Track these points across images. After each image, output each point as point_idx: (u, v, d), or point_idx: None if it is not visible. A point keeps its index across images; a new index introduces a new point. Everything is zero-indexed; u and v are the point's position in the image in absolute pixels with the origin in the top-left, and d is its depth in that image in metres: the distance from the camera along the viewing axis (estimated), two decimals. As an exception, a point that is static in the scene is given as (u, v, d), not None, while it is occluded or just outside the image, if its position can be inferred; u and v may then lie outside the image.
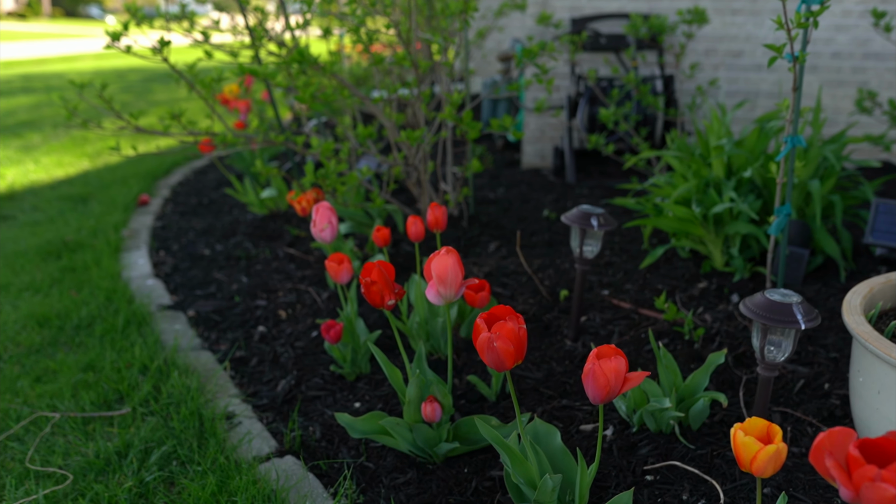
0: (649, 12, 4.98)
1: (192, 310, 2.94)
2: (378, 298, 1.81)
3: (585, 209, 2.44)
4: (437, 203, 2.33)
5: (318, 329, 2.72)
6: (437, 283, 1.76)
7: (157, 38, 2.89)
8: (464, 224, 3.59)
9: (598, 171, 4.81)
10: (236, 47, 3.78)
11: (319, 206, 2.29)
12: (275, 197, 3.96)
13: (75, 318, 2.82)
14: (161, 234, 3.85)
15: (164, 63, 2.96)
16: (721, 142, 2.96)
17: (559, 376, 2.31)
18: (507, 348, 1.36)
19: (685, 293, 2.80)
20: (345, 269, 2.23)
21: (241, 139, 3.02)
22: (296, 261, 3.37)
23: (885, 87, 4.96)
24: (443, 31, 3.17)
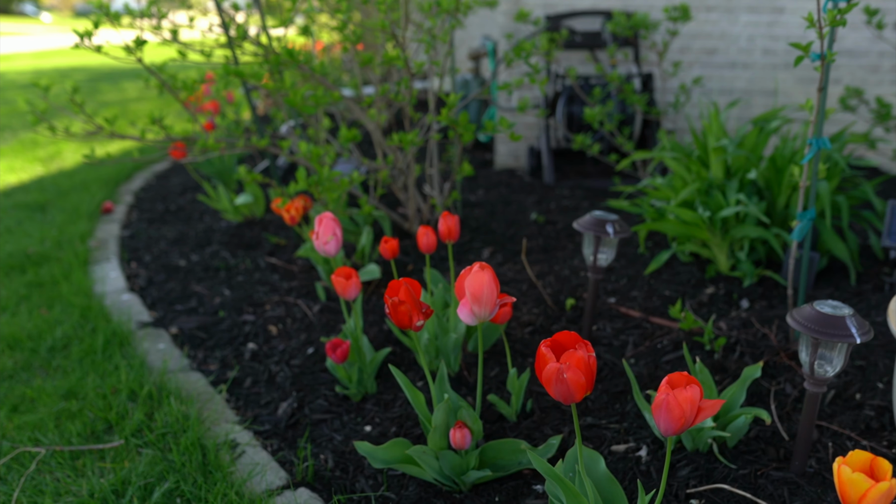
0: (623, 9, 4.91)
1: (175, 327, 2.76)
2: (406, 319, 1.67)
3: (599, 215, 2.33)
4: (448, 212, 2.19)
5: (313, 345, 2.56)
6: (472, 301, 1.63)
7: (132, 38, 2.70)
8: (453, 229, 3.46)
9: (574, 171, 4.72)
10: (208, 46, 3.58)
11: (322, 217, 2.14)
12: (250, 203, 3.78)
13: (49, 340, 2.62)
14: (130, 245, 3.64)
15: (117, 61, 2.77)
16: (722, 143, 2.89)
17: (579, 392, 2.20)
18: (579, 380, 1.24)
19: (694, 300, 2.71)
20: (353, 285, 2.09)
21: (223, 144, 2.84)
22: (279, 271, 3.20)
23: (858, 83, 4.97)
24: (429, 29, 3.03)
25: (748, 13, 4.91)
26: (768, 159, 2.84)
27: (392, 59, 2.84)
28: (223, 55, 3.44)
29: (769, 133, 2.96)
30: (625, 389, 2.20)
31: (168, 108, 8.14)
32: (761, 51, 4.96)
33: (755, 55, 4.97)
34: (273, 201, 2.93)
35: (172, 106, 8.26)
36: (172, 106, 8.26)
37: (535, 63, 3.10)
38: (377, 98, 3.13)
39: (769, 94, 5.02)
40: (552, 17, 4.75)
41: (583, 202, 4.10)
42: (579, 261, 3.11)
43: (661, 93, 4.63)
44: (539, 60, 4.81)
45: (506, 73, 4.94)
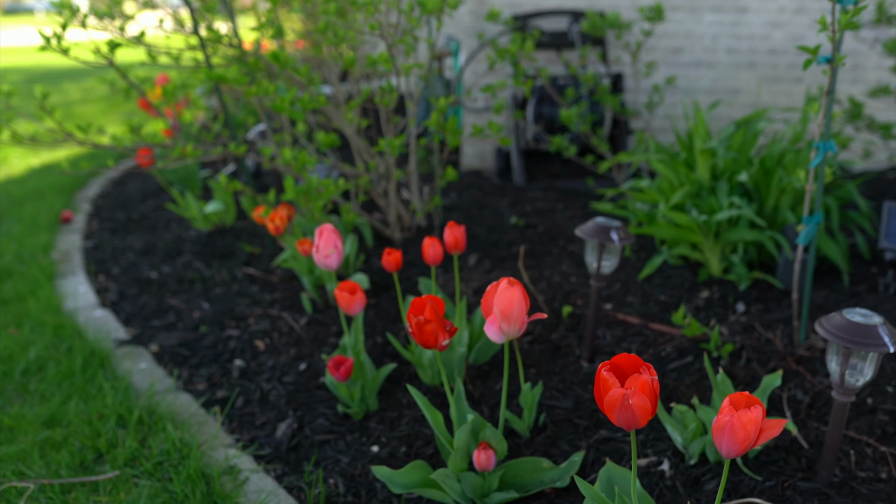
0: (589, 9, 4.89)
1: (155, 344, 2.63)
2: (432, 339, 1.59)
3: (602, 222, 2.28)
4: (454, 222, 2.12)
5: (305, 361, 2.46)
6: (501, 319, 1.56)
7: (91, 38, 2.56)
8: (435, 235, 3.38)
9: (543, 171, 4.68)
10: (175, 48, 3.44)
11: (322, 229, 2.05)
12: (220, 211, 3.64)
13: (22, 362, 2.46)
14: (96, 256, 3.47)
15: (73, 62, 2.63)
16: (710, 145, 2.87)
17: (588, 404, 2.15)
18: (645, 405, 1.18)
19: (690, 304, 2.68)
20: (358, 300, 2.00)
21: (201, 151, 2.71)
22: (258, 282, 3.08)
23: (820, 82, 5.04)
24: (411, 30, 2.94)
25: (712, 13, 4.94)
26: (758, 161, 2.83)
27: (377, 62, 2.75)
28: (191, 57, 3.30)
29: (756, 135, 2.95)
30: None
31: (115, 110, 7.88)
32: (725, 50, 4.99)
33: (719, 54, 5.00)
34: (255, 210, 2.81)
35: (120, 108, 8.00)
36: (120, 108, 8.00)
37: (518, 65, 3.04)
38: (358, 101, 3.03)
39: (733, 93, 5.05)
40: (519, 17, 4.70)
41: (557, 204, 4.06)
42: (568, 266, 3.06)
43: (635, 93, 4.62)
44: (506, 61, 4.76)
45: (470, 72, 4.87)
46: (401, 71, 2.75)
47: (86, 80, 10.35)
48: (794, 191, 2.84)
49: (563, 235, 3.46)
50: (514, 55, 3.04)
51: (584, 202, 4.09)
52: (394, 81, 5.87)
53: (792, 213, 2.80)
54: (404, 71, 2.75)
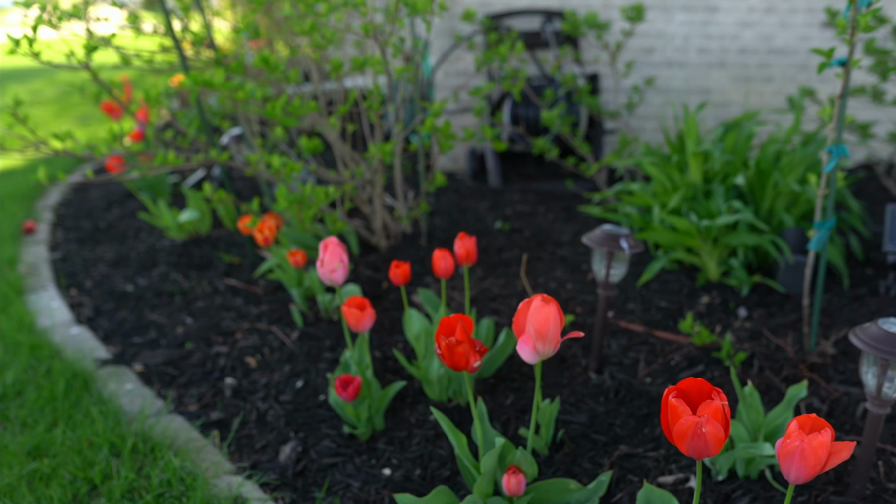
0: (561, 9, 4.85)
1: (139, 363, 2.49)
2: (463, 361, 1.51)
3: (610, 229, 2.22)
4: (465, 234, 2.03)
5: (301, 378, 2.36)
6: (536, 338, 1.48)
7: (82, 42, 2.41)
8: (422, 242, 3.29)
9: (517, 173, 4.62)
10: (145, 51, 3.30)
11: (327, 242, 1.95)
12: (195, 220, 3.50)
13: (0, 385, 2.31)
14: (65, 269, 3.30)
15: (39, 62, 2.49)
16: (705, 147, 2.83)
17: (604, 417, 2.08)
18: (718, 433, 1.11)
19: (692, 310, 2.64)
20: (368, 316, 1.90)
21: (183, 160, 2.58)
22: (241, 294, 2.96)
23: (788, 81, 5.07)
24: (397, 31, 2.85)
25: (683, 12, 4.93)
26: (754, 163, 2.80)
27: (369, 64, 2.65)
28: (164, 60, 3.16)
29: (750, 137, 2.92)
30: (649, 412, 2.10)
31: (67, 112, 7.61)
32: (696, 50, 4.99)
33: (691, 54, 5.00)
34: (241, 219, 2.69)
35: (72, 110, 7.72)
36: (72, 110, 7.72)
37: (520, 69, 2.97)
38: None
39: (705, 93, 5.05)
40: (491, 17, 4.63)
41: (537, 207, 4.00)
42: (562, 272, 3.00)
43: (614, 93, 4.59)
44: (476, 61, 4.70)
45: (441, 73, 4.79)
46: (392, 74, 2.66)
47: (33, 81, 10.00)
48: (789, 193, 2.82)
49: (551, 240, 3.40)
50: (504, 56, 2.97)
51: (565, 204, 4.04)
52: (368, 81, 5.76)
53: (788, 215, 2.78)
54: (397, 74, 2.65)
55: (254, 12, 2.65)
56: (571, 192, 4.24)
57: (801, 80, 5.06)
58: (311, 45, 2.64)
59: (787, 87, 5.09)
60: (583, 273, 2.99)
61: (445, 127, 2.61)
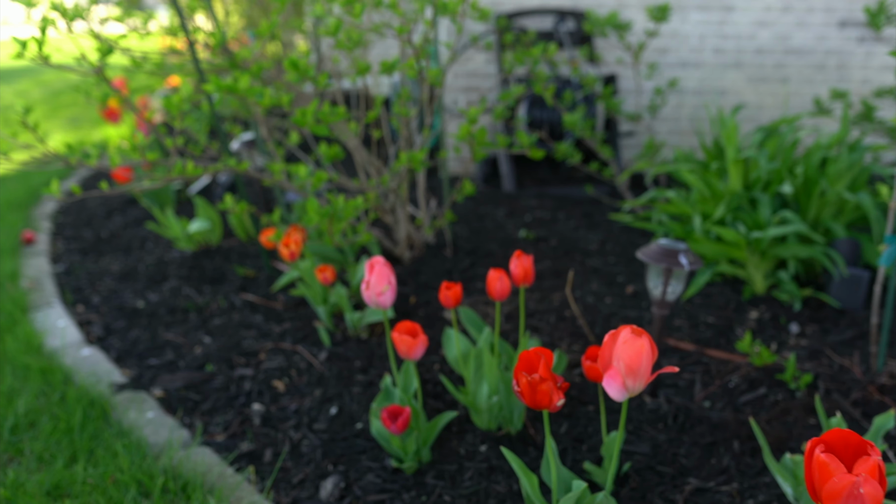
0: (574, 8, 4.71)
1: (158, 388, 2.33)
2: (546, 400, 1.36)
3: (667, 244, 2.08)
4: (521, 252, 1.89)
5: (334, 404, 2.20)
6: (627, 374, 1.34)
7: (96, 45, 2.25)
8: (447, 253, 3.14)
9: (530, 177, 4.49)
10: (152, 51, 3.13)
11: (373, 262, 1.80)
12: (206, 230, 3.33)
13: (10, 416, 2.14)
14: (69, 283, 3.13)
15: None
16: (748, 154, 2.70)
17: (666, 447, 1.95)
18: (877, 494, 0.97)
19: (742, 326, 2.51)
20: (421, 343, 1.76)
21: (202, 170, 2.42)
22: (261, 310, 2.80)
23: (805, 82, 4.96)
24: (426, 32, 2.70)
25: (699, 11, 4.81)
26: (802, 171, 2.67)
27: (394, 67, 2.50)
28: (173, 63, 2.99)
29: (795, 143, 2.79)
30: (714, 440, 1.96)
31: (56, 114, 7.39)
32: (712, 50, 4.87)
33: (706, 54, 4.88)
34: (262, 233, 2.54)
35: (61, 112, 7.51)
36: (61, 112, 7.51)
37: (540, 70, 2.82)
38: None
39: (720, 94, 4.94)
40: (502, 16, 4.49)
41: (557, 213, 3.86)
42: (598, 285, 2.86)
43: (635, 95, 4.46)
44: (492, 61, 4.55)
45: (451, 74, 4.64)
46: (426, 77, 2.51)
47: (19, 82, 9.75)
48: (836, 202, 2.69)
49: (578, 249, 3.27)
50: (538, 58, 2.83)
51: (584, 210, 3.91)
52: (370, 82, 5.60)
53: (837, 224, 2.65)
54: (430, 77, 2.50)
55: (277, 13, 2.49)
56: (590, 197, 4.11)
57: (818, 80, 4.95)
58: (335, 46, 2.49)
59: (803, 88, 4.98)
60: (619, 286, 2.85)
61: (481, 133, 2.46)
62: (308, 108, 2.16)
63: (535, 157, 2.55)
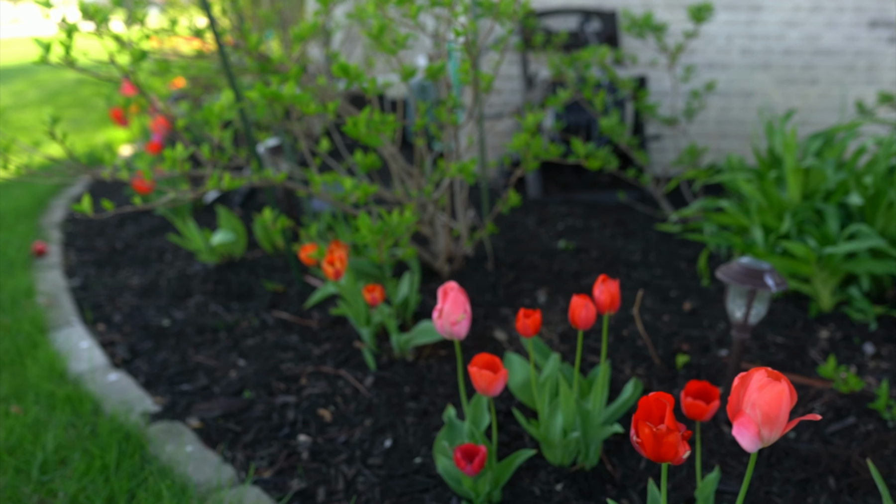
0: (599, 8, 4.57)
1: (195, 417, 2.16)
2: (671, 452, 1.21)
3: (750, 264, 1.94)
4: (606, 276, 1.73)
5: (388, 435, 2.04)
6: (763, 422, 1.18)
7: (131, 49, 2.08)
8: (489, 266, 2.98)
9: (554, 183, 4.33)
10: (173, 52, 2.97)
11: (447, 288, 1.64)
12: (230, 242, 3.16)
13: (39, 453, 1.97)
14: (87, 299, 2.95)
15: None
16: (811, 163, 2.55)
17: (757, 484, 1.79)
18: None
19: (814, 347, 2.36)
20: (502, 378, 1.60)
21: (239, 181, 2.25)
22: (295, 329, 2.63)
23: (834, 83, 4.83)
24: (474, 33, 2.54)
25: (726, 11, 4.67)
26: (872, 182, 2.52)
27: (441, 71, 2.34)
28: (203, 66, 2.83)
29: (860, 152, 2.65)
30: (807, 477, 1.82)
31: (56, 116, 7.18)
32: (739, 50, 4.73)
33: (733, 55, 4.74)
34: (303, 249, 2.37)
35: (61, 114, 7.31)
36: (61, 114, 7.31)
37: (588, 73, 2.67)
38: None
39: (747, 96, 4.80)
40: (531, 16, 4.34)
41: (590, 221, 3.71)
42: (651, 301, 2.70)
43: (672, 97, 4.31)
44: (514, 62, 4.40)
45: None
46: (480, 83, 2.35)
47: (14, 82, 9.53)
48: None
49: (620, 260, 3.12)
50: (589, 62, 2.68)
51: (617, 217, 3.76)
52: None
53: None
54: (484, 82, 2.34)
55: (317, 14, 2.32)
56: (618, 203, 3.96)
57: (848, 82, 4.82)
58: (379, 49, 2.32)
59: (832, 90, 4.84)
60: (674, 302, 2.70)
61: (537, 143, 2.30)
62: (360, 117, 1.99)
63: (593, 167, 2.39)
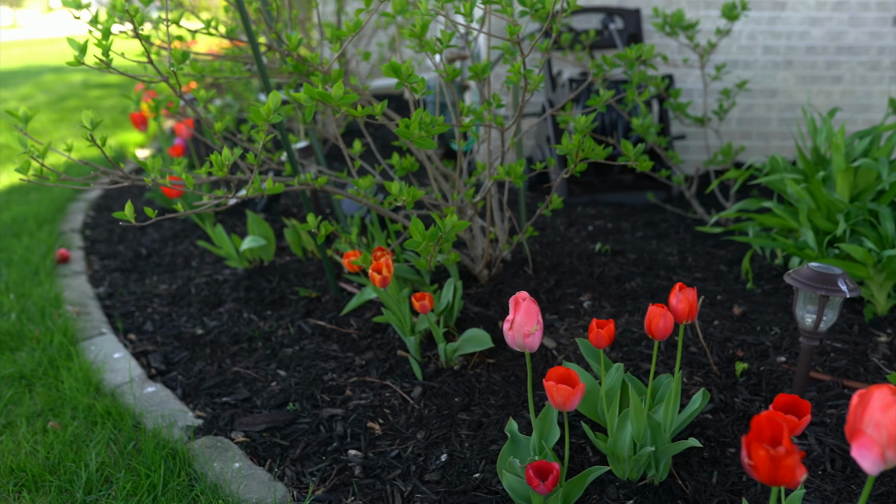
0: (621, 7, 4.50)
1: (239, 432, 2.09)
2: (789, 475, 1.13)
3: (821, 268, 1.86)
4: (683, 284, 1.66)
5: (442, 449, 1.97)
6: (888, 444, 1.11)
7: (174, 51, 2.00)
8: (528, 271, 2.91)
9: (575, 182, 4.26)
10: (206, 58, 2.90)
11: (519, 298, 1.56)
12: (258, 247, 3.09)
13: (81, 471, 1.89)
14: (116, 307, 2.87)
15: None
16: (866, 163, 2.48)
17: (837, 499, 1.72)
18: None
19: (876, 353, 2.29)
20: (579, 393, 1.52)
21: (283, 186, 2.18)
22: (334, 337, 2.56)
23: (858, 81, 4.77)
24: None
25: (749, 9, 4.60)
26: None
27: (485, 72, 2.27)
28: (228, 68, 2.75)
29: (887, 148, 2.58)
30: (887, 490, 1.74)
31: (66, 119, 7.11)
32: (762, 48, 4.67)
33: (756, 53, 4.67)
34: (345, 256, 2.30)
35: (70, 117, 7.22)
36: (70, 117, 7.22)
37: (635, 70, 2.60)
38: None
39: (770, 95, 4.74)
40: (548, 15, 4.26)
41: (620, 222, 3.64)
42: (703, 307, 2.63)
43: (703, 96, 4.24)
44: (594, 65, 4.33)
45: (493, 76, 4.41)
46: (530, 84, 2.28)
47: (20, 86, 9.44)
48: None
49: (658, 263, 3.04)
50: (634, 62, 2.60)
51: (647, 219, 3.69)
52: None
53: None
54: (535, 84, 2.27)
55: (358, 13, 2.25)
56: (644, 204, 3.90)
57: (872, 79, 4.76)
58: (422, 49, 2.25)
59: (856, 88, 4.78)
60: (722, 306, 2.63)
61: (589, 143, 2.23)
62: (412, 120, 1.92)
63: (643, 169, 2.32)
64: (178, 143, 3.67)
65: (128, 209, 1.92)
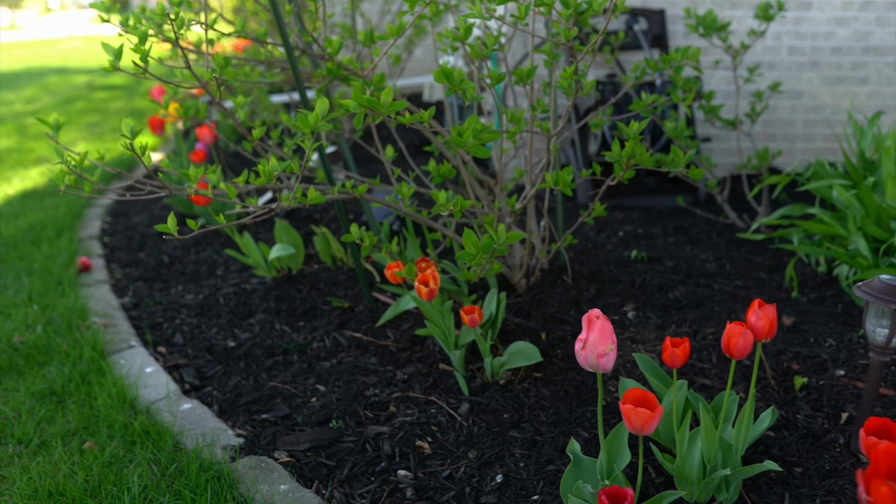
0: (644, 7, 4.43)
1: (282, 451, 2.01)
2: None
3: (891, 280, 1.79)
4: (761, 300, 1.58)
5: (497, 469, 1.89)
6: None
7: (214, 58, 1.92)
8: (567, 279, 2.83)
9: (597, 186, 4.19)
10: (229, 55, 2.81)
11: (592, 316, 1.48)
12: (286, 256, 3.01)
13: (124, 495, 1.81)
14: (144, 318, 2.79)
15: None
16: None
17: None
18: None
19: (937, 365, 2.22)
20: (658, 415, 1.45)
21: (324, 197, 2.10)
22: (371, 350, 2.48)
23: (885, 82, 4.69)
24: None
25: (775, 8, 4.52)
26: None
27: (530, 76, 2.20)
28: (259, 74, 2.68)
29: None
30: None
31: (72, 122, 7.02)
32: (787, 49, 4.59)
33: (781, 54, 4.60)
34: (388, 267, 2.22)
35: (77, 120, 7.14)
36: (77, 120, 7.14)
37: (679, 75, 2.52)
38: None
39: (795, 96, 4.66)
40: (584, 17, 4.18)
41: (650, 228, 3.56)
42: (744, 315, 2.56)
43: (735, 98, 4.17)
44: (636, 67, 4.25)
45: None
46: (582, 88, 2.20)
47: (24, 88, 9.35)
48: None
49: (695, 270, 2.97)
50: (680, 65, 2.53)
51: (676, 223, 3.62)
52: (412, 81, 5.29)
53: None
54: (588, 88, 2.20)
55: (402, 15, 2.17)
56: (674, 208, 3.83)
57: (900, 80, 4.69)
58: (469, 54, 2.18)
59: (883, 89, 4.71)
60: (770, 316, 2.56)
61: (641, 150, 2.16)
62: (465, 127, 1.84)
63: (696, 178, 2.25)
64: (200, 148, 3.59)
65: (170, 222, 1.84)
